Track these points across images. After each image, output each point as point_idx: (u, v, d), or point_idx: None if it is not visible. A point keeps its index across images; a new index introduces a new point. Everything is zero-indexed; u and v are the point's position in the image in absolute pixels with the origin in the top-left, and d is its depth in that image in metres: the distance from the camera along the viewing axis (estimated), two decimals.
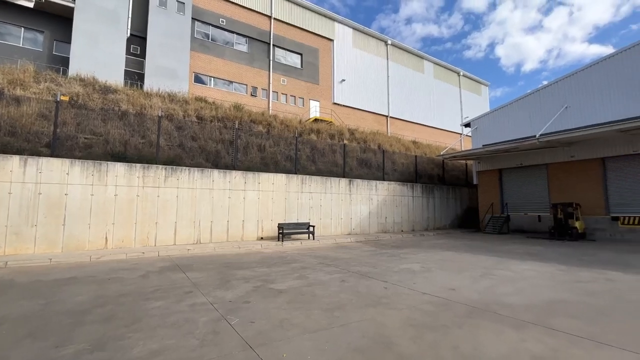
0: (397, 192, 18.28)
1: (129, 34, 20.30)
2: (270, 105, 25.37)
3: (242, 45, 24.98)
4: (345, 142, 19.12)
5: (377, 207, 17.26)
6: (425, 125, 35.31)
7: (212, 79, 23.55)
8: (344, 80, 29.31)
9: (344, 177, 16.48)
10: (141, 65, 21.07)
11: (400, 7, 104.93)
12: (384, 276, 6.98)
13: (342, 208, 15.95)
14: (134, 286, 6.04)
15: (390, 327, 4.06)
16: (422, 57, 36.28)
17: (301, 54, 27.64)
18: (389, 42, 32.87)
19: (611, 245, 12.56)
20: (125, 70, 20.13)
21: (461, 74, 40.35)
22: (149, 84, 19.29)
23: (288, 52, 27.10)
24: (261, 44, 25.66)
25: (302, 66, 27.62)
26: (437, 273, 7.34)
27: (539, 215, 17.23)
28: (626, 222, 14.07)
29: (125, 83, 19.31)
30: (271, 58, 25.78)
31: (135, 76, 20.59)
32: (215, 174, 12.54)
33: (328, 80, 28.78)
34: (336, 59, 29.25)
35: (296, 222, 14.04)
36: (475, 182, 21.06)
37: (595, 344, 3.56)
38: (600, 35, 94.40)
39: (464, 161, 23.19)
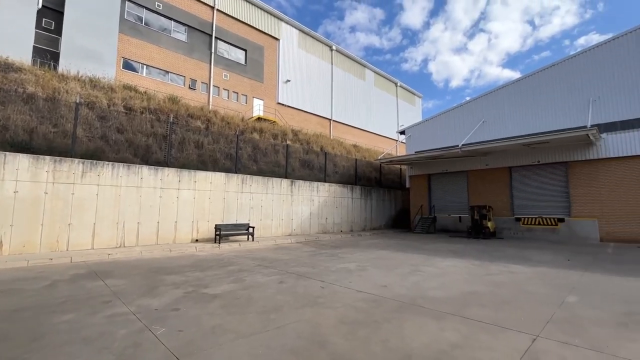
0: (338, 193, 18.82)
1: (40, 5, 17.50)
2: (211, 100, 24.14)
3: (180, 34, 23.32)
4: (289, 142, 19.08)
5: (318, 208, 17.55)
6: (366, 131, 37.04)
7: (145, 66, 21.54)
8: (289, 80, 29.26)
9: (286, 177, 16.42)
10: (56, 43, 18.33)
11: (345, 15, 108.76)
12: (321, 276, 7.11)
13: (284, 209, 15.87)
14: (36, 298, 5.19)
15: (326, 326, 4.14)
16: (364, 66, 38.02)
17: (245, 50, 26.85)
18: (334, 47, 33.77)
19: (515, 242, 14.61)
20: (34, 46, 17.31)
21: (398, 84, 43.28)
22: (66, 65, 16.83)
23: (232, 46, 26.10)
24: (202, 34, 24.27)
25: (246, 62, 26.84)
26: (371, 271, 7.72)
27: (459, 217, 19.29)
28: (526, 222, 16.53)
29: (34, 62, 16.61)
30: (213, 51, 24.55)
31: (47, 55, 17.82)
32: (145, 170, 11.47)
33: (273, 79, 28.45)
34: (282, 59, 29.06)
35: (235, 223, 13.55)
36: (408, 185, 22.73)
37: (500, 328, 4.09)
38: (511, 61, 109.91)
39: (399, 166, 24.88)
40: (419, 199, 21.65)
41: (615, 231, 14.09)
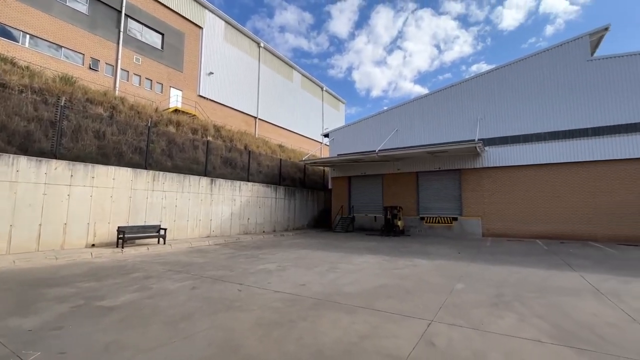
0: (261, 193, 18.51)
1: None
2: (118, 85, 21.24)
3: (80, 4, 19.94)
4: (210, 138, 18.01)
5: (240, 208, 16.96)
6: (291, 131, 37.31)
7: (29, 36, 17.79)
8: (212, 73, 27.62)
9: (205, 175, 15.44)
10: None
11: (275, 14, 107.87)
12: (240, 279, 6.87)
13: (202, 209, 14.88)
14: None
15: (240, 330, 4.00)
16: (292, 67, 38.27)
17: (163, 34, 24.41)
18: (262, 44, 33.17)
19: (419, 238, 16.47)
20: None
21: (324, 89, 44.81)
22: None
23: (146, 28, 23.43)
24: (109, 9, 21.20)
25: (163, 48, 24.40)
26: (291, 271, 7.77)
27: (375, 216, 20.89)
28: (429, 221, 18.80)
29: None
30: (122, 29, 21.66)
31: None
32: (23, 162, 9.46)
33: (194, 69, 26.49)
34: (205, 49, 27.28)
35: (143, 224, 12.17)
36: (330, 186, 23.66)
37: (403, 317, 4.53)
38: (421, 78, 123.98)
39: (322, 167, 25.71)
40: (340, 199, 22.72)
41: (493, 228, 17.08)
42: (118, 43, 21.57)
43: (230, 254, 10.50)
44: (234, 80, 30.00)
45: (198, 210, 14.69)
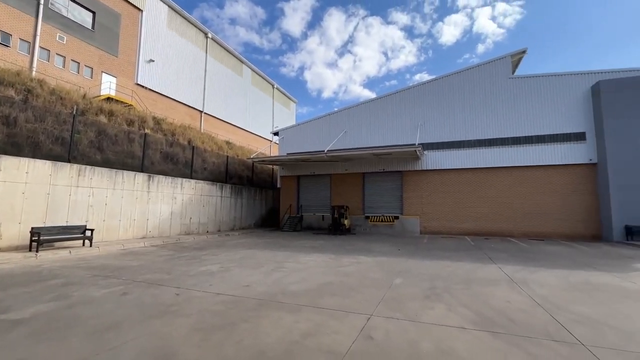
0: (206, 191, 17.64)
1: None
2: (35, 65, 18.53)
3: None
4: (148, 131, 16.64)
5: (181, 207, 15.96)
6: (240, 128, 36.18)
7: None
8: (152, 61, 25.54)
9: (142, 171, 14.24)
10: None
11: (225, 4, 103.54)
12: (178, 282, 6.46)
13: (137, 207, 13.69)
14: None
15: (176, 336, 3.76)
16: (242, 62, 37.10)
17: (94, 13, 21.90)
18: (210, 35, 31.60)
19: (365, 237, 17.15)
20: None
21: (275, 86, 44.27)
22: None
23: (73, 3, 20.79)
24: None
25: (94, 27, 21.89)
26: (235, 272, 7.54)
27: (323, 215, 21.24)
28: (373, 220, 19.69)
29: None
30: (42, 2, 18.93)
31: None
32: None
33: (132, 55, 24.23)
34: (145, 34, 25.10)
35: (65, 225, 10.80)
36: (279, 185, 23.46)
37: (345, 313, 4.67)
38: (369, 83, 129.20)
39: (271, 166, 25.38)
40: (288, 198, 22.65)
41: (429, 226, 18.50)
42: (37, 17, 18.82)
43: (168, 256, 9.82)
44: (178, 71, 28.11)
45: (132, 209, 13.48)
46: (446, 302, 5.28)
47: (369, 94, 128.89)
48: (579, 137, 16.45)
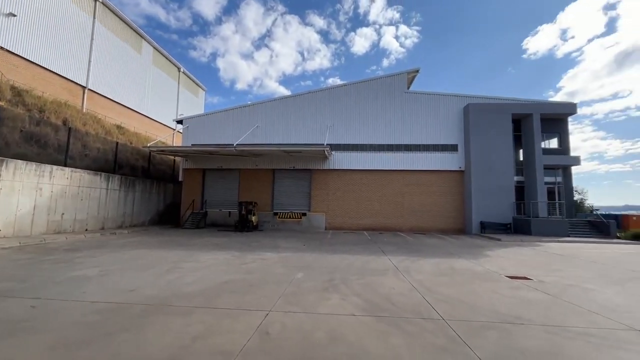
0: (86, 182, 14.92)
1: None
2: None
3: None
4: (2, 103, 13.12)
5: (50, 200, 13.13)
6: (136, 112, 31.69)
7: None
8: (13, 15, 20.19)
9: None
10: None
11: None
12: (36, 291, 5.28)
13: None
14: None
15: None
16: (142, 37, 32.51)
17: None
18: None
19: (272, 233, 17.14)
20: None
21: (182, 70, 40.30)
22: None
23: None
24: None
25: None
26: (118, 275, 6.58)
27: (229, 212, 20.37)
28: (281, 216, 19.85)
29: None
30: None
31: None
32: None
33: None
34: None
35: None
36: (181, 178, 21.51)
37: (242, 311, 4.56)
38: (285, 80, 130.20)
39: (172, 157, 23.07)
40: (192, 193, 20.97)
41: (334, 222, 19.67)
42: None
43: (27, 260, 7.95)
44: (54, 34, 22.89)
45: None
46: (342, 292, 5.67)
47: (284, 91, 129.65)
48: (453, 148, 19.84)
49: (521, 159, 20.09)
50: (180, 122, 22.14)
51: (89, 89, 26.41)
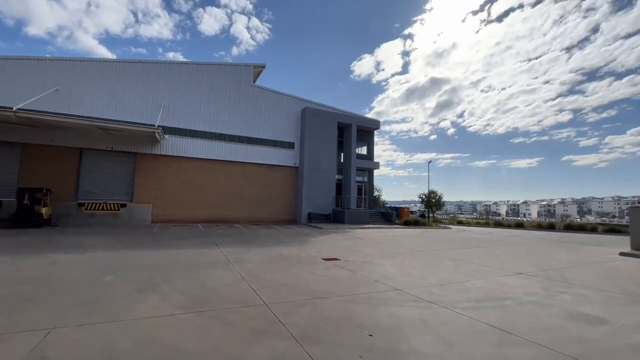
0: None
1: None
2: None
3: None
4: None
5: None
6: None
7: None
8: None
9: None
10: None
11: None
12: None
13: None
14: None
15: None
16: None
17: None
18: None
19: (73, 229, 13.51)
20: None
21: None
22: None
23: None
24: None
25: None
26: None
27: (1, 201, 14.65)
28: (89, 207, 15.97)
29: None
30: None
31: None
32: None
33: None
34: None
35: None
36: None
37: (9, 335, 3.35)
38: (110, 40, 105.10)
39: None
40: None
41: (163, 214, 17.57)
42: None
43: None
44: None
45: None
46: (161, 292, 5.11)
47: (105, 53, 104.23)
48: (291, 145, 21.59)
49: (342, 160, 24.13)
50: None
51: None
